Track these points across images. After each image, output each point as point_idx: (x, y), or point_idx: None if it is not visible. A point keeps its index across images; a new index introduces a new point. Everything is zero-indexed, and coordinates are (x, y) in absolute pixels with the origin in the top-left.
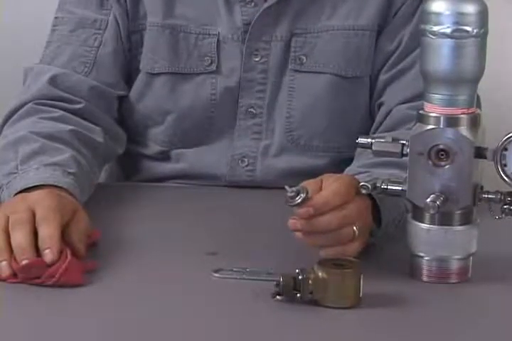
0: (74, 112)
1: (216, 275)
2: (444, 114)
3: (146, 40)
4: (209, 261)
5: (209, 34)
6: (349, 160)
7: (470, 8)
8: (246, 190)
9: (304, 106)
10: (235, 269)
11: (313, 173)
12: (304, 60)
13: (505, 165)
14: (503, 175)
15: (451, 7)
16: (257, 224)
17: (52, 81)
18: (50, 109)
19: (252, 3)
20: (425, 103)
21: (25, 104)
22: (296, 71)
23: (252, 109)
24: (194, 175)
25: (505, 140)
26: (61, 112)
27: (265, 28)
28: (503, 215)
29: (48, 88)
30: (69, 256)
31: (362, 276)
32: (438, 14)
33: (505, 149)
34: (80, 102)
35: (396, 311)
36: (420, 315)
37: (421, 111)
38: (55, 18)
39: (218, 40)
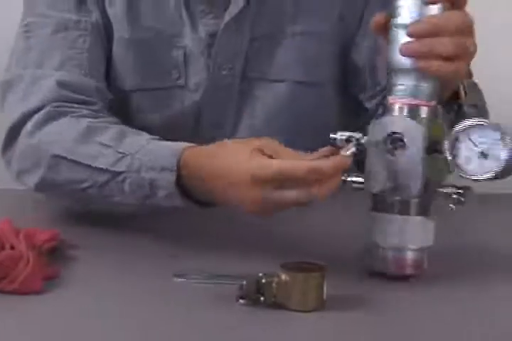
0: (96, 111)
1: (178, 279)
2: (405, 104)
3: (113, 52)
4: (171, 265)
5: (176, 46)
6: None
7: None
8: None
9: (266, 114)
10: (197, 273)
11: None
12: (263, 68)
13: (457, 157)
14: (455, 168)
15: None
16: (221, 227)
17: (61, 84)
18: (74, 109)
19: (212, 15)
20: (388, 97)
21: (41, 108)
22: (257, 80)
23: (217, 121)
24: None
25: (458, 130)
26: (86, 111)
27: (229, 42)
28: (454, 206)
29: (58, 91)
30: (31, 263)
31: (325, 279)
32: (400, 7)
33: (457, 140)
34: (95, 103)
35: (360, 312)
36: (384, 316)
37: (385, 103)
38: (26, 24)
39: (185, 54)
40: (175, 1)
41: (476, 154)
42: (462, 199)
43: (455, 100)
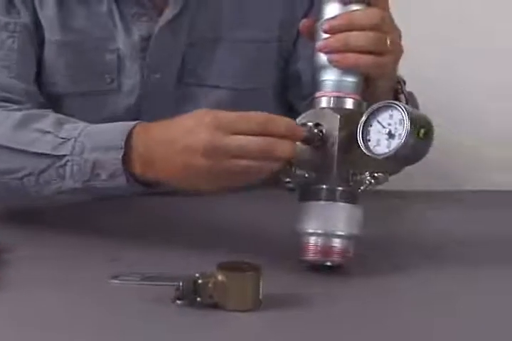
0: (27, 109)
1: (115, 281)
2: (331, 97)
3: (44, 56)
4: (108, 268)
5: (109, 50)
6: None
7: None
8: (146, 196)
9: None
10: (134, 274)
11: None
12: (200, 74)
13: (369, 140)
14: (365, 150)
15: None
16: (157, 228)
17: None
18: (6, 105)
19: (146, 17)
20: (316, 92)
21: None
22: (194, 85)
23: None
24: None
25: (367, 114)
26: (17, 107)
27: (164, 46)
28: (368, 187)
29: None
30: None
31: (261, 278)
32: (322, 9)
33: (367, 124)
34: (26, 103)
35: (297, 310)
36: (321, 312)
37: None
38: None
39: (118, 57)
40: (107, 3)
41: (384, 135)
42: (376, 184)
43: None
